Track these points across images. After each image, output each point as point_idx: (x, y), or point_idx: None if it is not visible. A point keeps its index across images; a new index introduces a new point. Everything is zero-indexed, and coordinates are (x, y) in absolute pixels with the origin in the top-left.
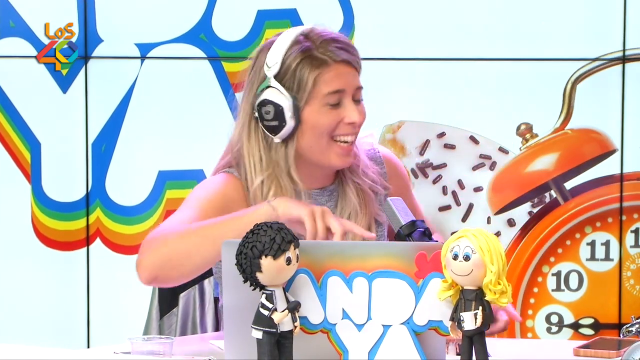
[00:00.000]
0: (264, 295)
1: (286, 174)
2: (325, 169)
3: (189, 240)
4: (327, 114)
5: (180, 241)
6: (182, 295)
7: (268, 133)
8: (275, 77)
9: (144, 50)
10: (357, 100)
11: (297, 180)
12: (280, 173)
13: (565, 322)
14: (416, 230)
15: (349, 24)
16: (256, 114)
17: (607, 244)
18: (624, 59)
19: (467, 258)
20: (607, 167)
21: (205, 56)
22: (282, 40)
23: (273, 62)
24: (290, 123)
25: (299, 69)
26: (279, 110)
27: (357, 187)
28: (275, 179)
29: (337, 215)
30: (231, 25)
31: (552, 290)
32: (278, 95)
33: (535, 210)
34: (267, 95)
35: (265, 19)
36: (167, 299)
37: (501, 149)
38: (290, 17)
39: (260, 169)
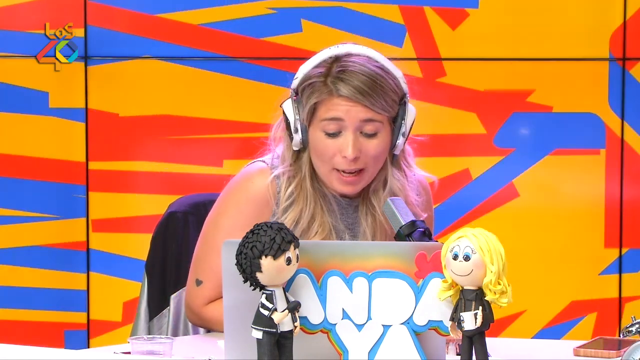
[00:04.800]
0: (264, 295)
1: (304, 177)
2: None
3: None
4: (325, 141)
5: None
6: (173, 296)
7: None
8: (295, 89)
9: (146, 50)
10: (366, 134)
11: (322, 185)
12: (301, 174)
13: None
14: (416, 230)
15: None
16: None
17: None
18: (624, 59)
19: (467, 258)
20: (608, 167)
21: (210, 56)
22: (316, 56)
23: (299, 74)
24: (296, 138)
25: (308, 91)
26: (288, 123)
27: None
28: (297, 176)
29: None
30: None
31: None
32: (289, 108)
33: None
34: (285, 105)
35: None
36: (157, 300)
37: None
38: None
39: (284, 158)
